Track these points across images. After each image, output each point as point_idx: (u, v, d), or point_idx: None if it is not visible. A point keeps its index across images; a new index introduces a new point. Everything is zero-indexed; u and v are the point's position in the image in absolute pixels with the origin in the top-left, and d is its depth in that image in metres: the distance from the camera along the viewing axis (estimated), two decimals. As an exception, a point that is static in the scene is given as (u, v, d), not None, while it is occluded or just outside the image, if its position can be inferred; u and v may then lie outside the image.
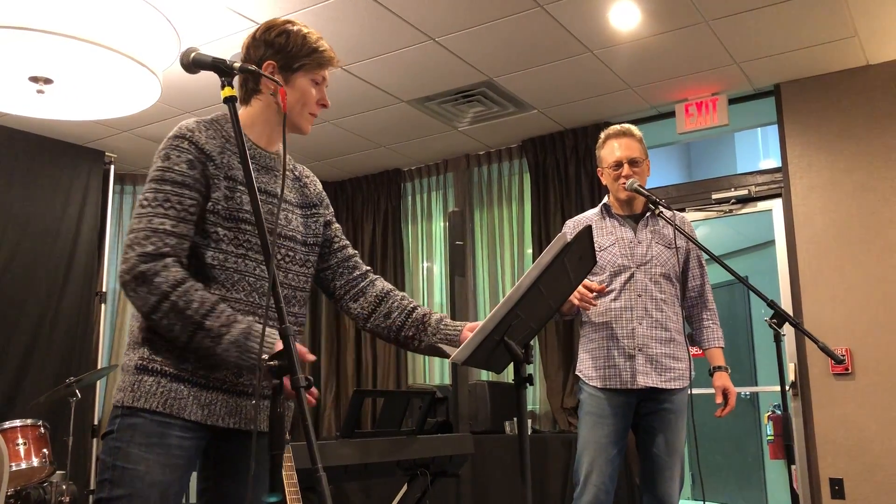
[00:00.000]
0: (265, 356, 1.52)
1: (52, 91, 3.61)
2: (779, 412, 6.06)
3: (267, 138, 1.84)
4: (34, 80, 3.52)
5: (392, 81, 4.52)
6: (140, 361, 1.67)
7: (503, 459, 4.55)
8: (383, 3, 3.65)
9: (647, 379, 2.83)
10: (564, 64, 4.33)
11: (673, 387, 2.86)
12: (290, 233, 1.86)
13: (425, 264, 6.03)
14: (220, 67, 1.65)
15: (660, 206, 2.89)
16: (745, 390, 6.68)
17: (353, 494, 4.81)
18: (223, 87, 1.65)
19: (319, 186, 2.01)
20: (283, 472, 2.50)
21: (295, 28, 1.83)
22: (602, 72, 4.44)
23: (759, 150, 6.23)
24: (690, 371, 2.96)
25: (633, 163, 2.97)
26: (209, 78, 1.75)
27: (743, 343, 6.78)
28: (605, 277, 2.95)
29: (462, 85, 4.58)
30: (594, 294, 2.75)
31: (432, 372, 5.86)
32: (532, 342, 1.97)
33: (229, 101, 1.63)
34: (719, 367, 3.01)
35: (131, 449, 1.63)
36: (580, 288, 2.70)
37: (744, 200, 4.87)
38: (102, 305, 5.60)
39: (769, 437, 6.26)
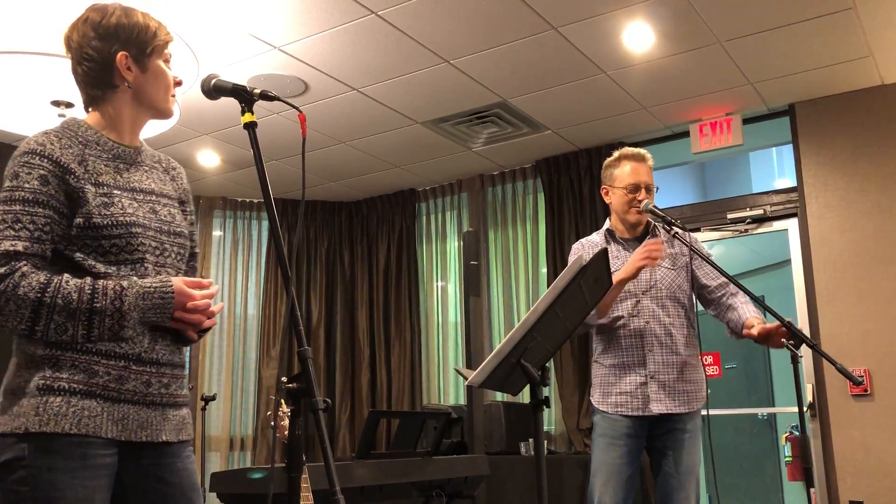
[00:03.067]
0: (283, 378, 1.54)
1: (72, 115, 3.67)
2: (796, 433, 6.00)
3: (129, 134, 1.77)
4: (56, 104, 3.57)
5: (407, 103, 4.56)
6: (42, 381, 1.53)
7: (519, 480, 4.53)
8: (399, 26, 3.69)
9: (660, 406, 2.81)
10: (578, 85, 4.35)
11: (687, 410, 2.85)
12: (177, 229, 1.77)
13: (440, 284, 6.04)
14: (241, 94, 1.68)
15: (675, 227, 2.89)
16: (763, 411, 6.62)
17: (367, 515, 4.79)
18: (243, 113, 1.68)
19: (186, 181, 1.90)
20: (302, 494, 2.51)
21: (128, 12, 1.74)
22: (616, 92, 4.46)
23: (773, 170, 6.22)
24: (705, 391, 2.94)
25: (648, 189, 2.98)
26: (227, 101, 1.76)
27: (759, 364, 6.73)
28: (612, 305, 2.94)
29: (476, 106, 4.61)
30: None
31: (447, 393, 5.85)
32: (548, 363, 1.98)
33: (250, 126, 1.65)
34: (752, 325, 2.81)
35: (54, 476, 1.50)
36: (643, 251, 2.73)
37: (759, 220, 4.86)
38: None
39: (787, 459, 6.19)
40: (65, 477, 1.50)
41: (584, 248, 3.05)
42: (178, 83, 1.83)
